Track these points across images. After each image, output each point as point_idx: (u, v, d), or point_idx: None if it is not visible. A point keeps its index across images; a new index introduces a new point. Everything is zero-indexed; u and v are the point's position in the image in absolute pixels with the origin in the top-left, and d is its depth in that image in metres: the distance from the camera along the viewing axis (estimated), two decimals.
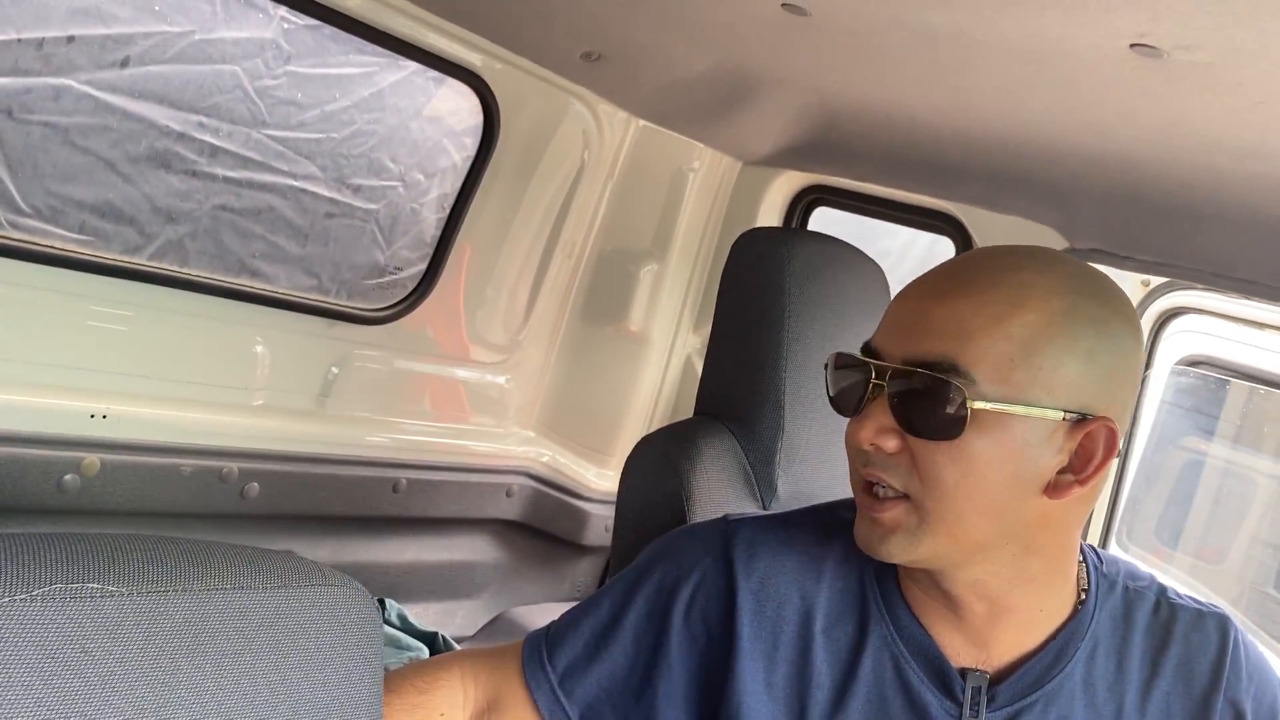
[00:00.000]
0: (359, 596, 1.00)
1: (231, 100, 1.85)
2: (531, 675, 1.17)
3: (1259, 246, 1.62)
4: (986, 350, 0.98)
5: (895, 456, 1.01)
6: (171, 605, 0.85)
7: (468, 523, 2.50)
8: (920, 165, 2.03)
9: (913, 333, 1.02)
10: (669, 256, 2.51)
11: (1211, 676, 1.10)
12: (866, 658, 1.10)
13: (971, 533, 1.01)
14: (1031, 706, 1.07)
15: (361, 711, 0.97)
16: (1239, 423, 3.28)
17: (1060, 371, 0.98)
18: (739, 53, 1.84)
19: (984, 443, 0.98)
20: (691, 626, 1.14)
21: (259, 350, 2.01)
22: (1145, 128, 1.46)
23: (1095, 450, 1.00)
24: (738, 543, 1.15)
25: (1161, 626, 1.12)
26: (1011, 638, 1.08)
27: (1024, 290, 1.00)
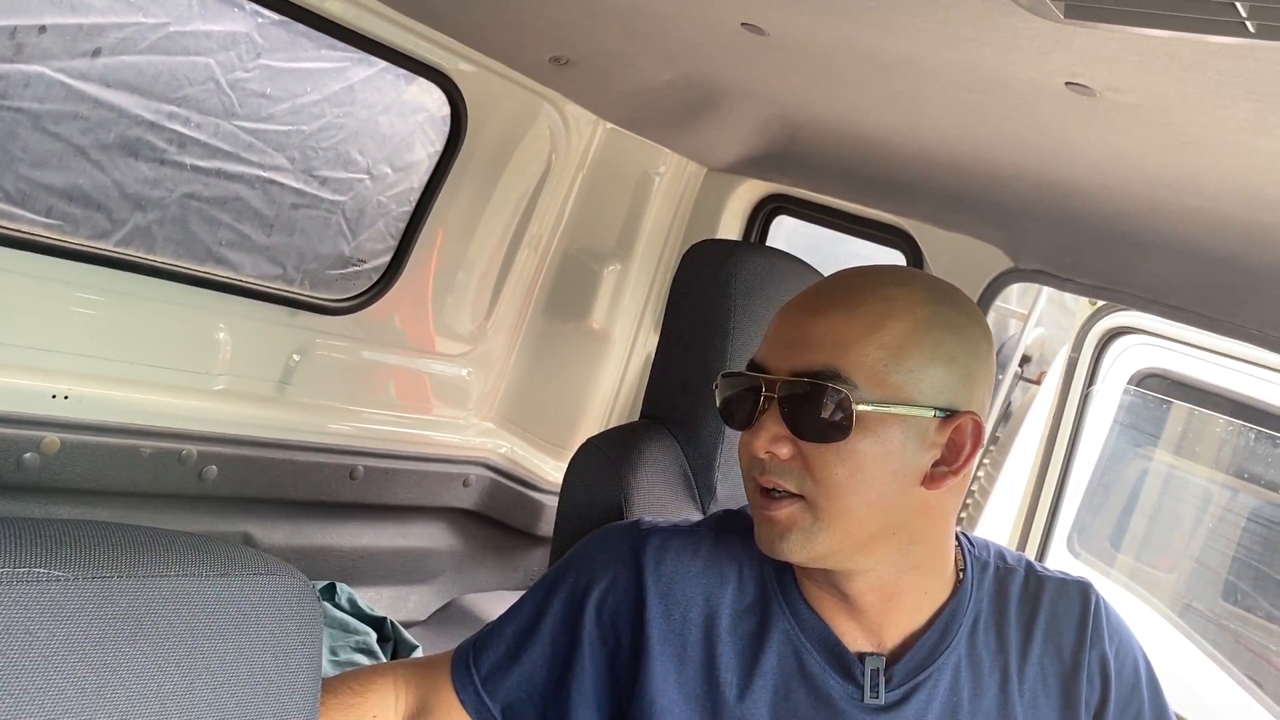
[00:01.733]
0: (302, 587, 1.01)
1: (203, 92, 1.87)
2: (459, 678, 1.23)
3: (1193, 276, 1.68)
4: (862, 358, 1.07)
5: (788, 462, 1.09)
6: (115, 590, 0.87)
7: (424, 510, 2.52)
8: (876, 181, 2.08)
9: (796, 347, 1.10)
10: (632, 257, 2.54)
11: (1077, 637, 1.20)
12: (770, 651, 1.16)
13: (862, 526, 1.09)
14: (925, 682, 1.15)
15: (299, 699, 1.00)
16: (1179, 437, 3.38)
17: (928, 373, 1.08)
18: (702, 66, 1.88)
19: (868, 442, 1.06)
20: (602, 629, 1.19)
21: (221, 336, 2.04)
22: (1086, 159, 1.51)
23: (964, 442, 1.10)
24: (647, 549, 1.21)
25: (1031, 597, 1.22)
26: (902, 621, 1.16)
27: (890, 303, 1.09)
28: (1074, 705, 1.18)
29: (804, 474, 1.08)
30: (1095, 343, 2.21)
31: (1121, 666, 1.21)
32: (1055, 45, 1.12)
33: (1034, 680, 1.18)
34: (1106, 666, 1.19)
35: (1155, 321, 2.09)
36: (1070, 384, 2.29)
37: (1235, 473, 3.41)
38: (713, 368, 1.54)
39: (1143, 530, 3.67)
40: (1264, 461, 3.30)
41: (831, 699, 1.14)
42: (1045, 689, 1.18)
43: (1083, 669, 1.18)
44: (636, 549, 1.21)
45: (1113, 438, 2.95)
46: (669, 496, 1.48)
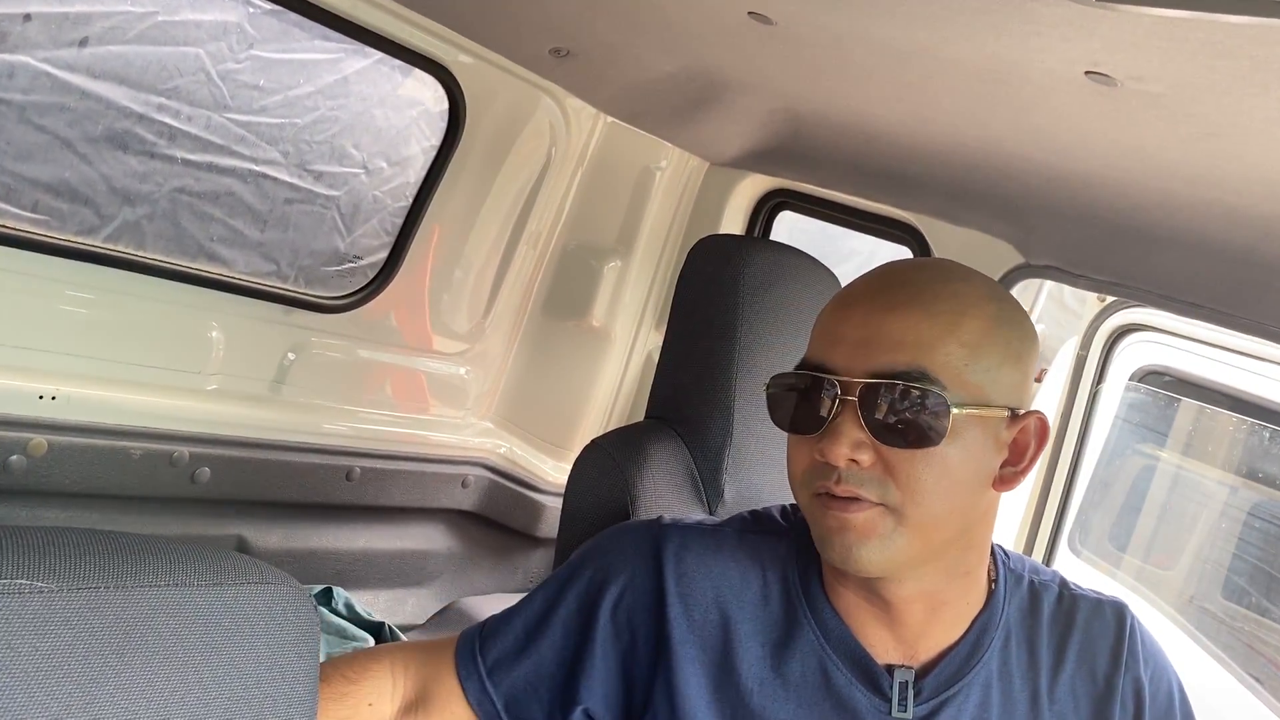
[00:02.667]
0: (297, 595, 0.99)
1: (193, 83, 1.83)
2: (463, 665, 1.19)
3: (1208, 271, 1.64)
4: (946, 358, 1.03)
5: (869, 469, 1.03)
6: (101, 602, 0.84)
7: (422, 512, 2.49)
8: (882, 175, 2.05)
9: (871, 346, 1.04)
10: (633, 254, 2.50)
11: (1112, 660, 1.16)
12: (794, 660, 1.13)
13: (940, 532, 1.05)
14: (954, 697, 1.11)
15: (296, 710, 0.97)
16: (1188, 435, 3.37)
17: (1001, 372, 1.05)
18: (706, 57, 1.84)
19: (955, 446, 1.02)
20: (617, 625, 1.16)
21: (214, 335, 2.00)
22: (1101, 151, 1.48)
23: (1029, 441, 1.08)
24: (667, 546, 1.18)
25: (1065, 615, 1.18)
26: (940, 632, 1.13)
27: (962, 300, 1.05)
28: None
29: (885, 481, 1.03)
30: (1104, 340, 2.17)
31: (1156, 691, 1.18)
32: (1078, 31, 1.08)
33: (1065, 700, 1.15)
34: (1141, 691, 1.16)
35: (1164, 318, 2.06)
36: (1079, 382, 2.25)
37: (1237, 469, 3.40)
38: (720, 367, 1.51)
39: (1143, 527, 3.65)
40: (1267, 457, 3.29)
41: (858, 712, 1.11)
42: (1076, 710, 1.15)
43: (1116, 692, 1.15)
44: (657, 545, 1.18)
45: (1113, 434, 2.94)
46: (676, 499, 1.45)
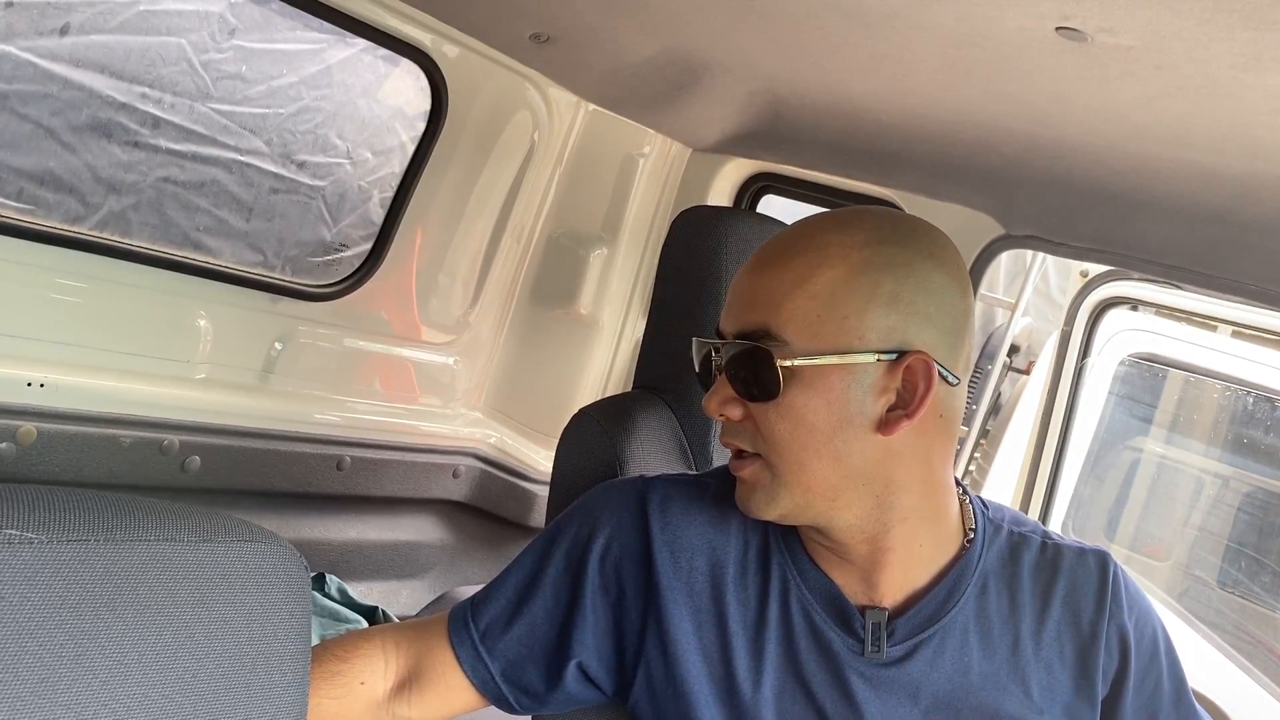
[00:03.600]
0: (286, 553, 0.99)
1: (176, 72, 1.84)
2: (456, 635, 1.20)
3: (1186, 233, 1.66)
4: (794, 312, 1.06)
5: (742, 423, 1.11)
6: (92, 554, 0.85)
7: (413, 502, 2.49)
8: (863, 153, 2.06)
9: (738, 308, 1.12)
10: (619, 241, 2.51)
11: (1095, 607, 1.18)
12: (774, 604, 1.15)
13: (818, 479, 1.08)
14: (929, 640, 1.13)
15: (288, 666, 0.97)
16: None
17: (866, 318, 1.06)
18: (686, 38, 1.86)
19: (805, 395, 1.06)
20: (605, 578, 1.18)
21: (202, 324, 2.00)
22: (1076, 113, 1.50)
23: (916, 383, 1.07)
24: (652, 498, 1.20)
25: (1048, 564, 1.20)
26: (899, 576, 1.14)
27: (823, 251, 1.08)
28: (1091, 675, 1.16)
29: (755, 434, 1.09)
30: (1088, 316, 2.19)
31: (1141, 638, 1.19)
32: None
33: (1050, 648, 1.16)
34: (1126, 638, 1.18)
35: (1146, 289, 2.08)
36: (1064, 359, 2.27)
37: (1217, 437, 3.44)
38: (704, 334, 1.52)
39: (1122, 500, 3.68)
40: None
41: (833, 651, 1.13)
42: (1061, 657, 1.16)
43: (1101, 639, 1.17)
44: (642, 498, 1.20)
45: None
46: (664, 466, 1.46)
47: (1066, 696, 1.16)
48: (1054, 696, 1.15)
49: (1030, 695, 1.14)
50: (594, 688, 1.20)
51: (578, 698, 1.21)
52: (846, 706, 1.12)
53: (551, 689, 1.19)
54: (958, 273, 1.11)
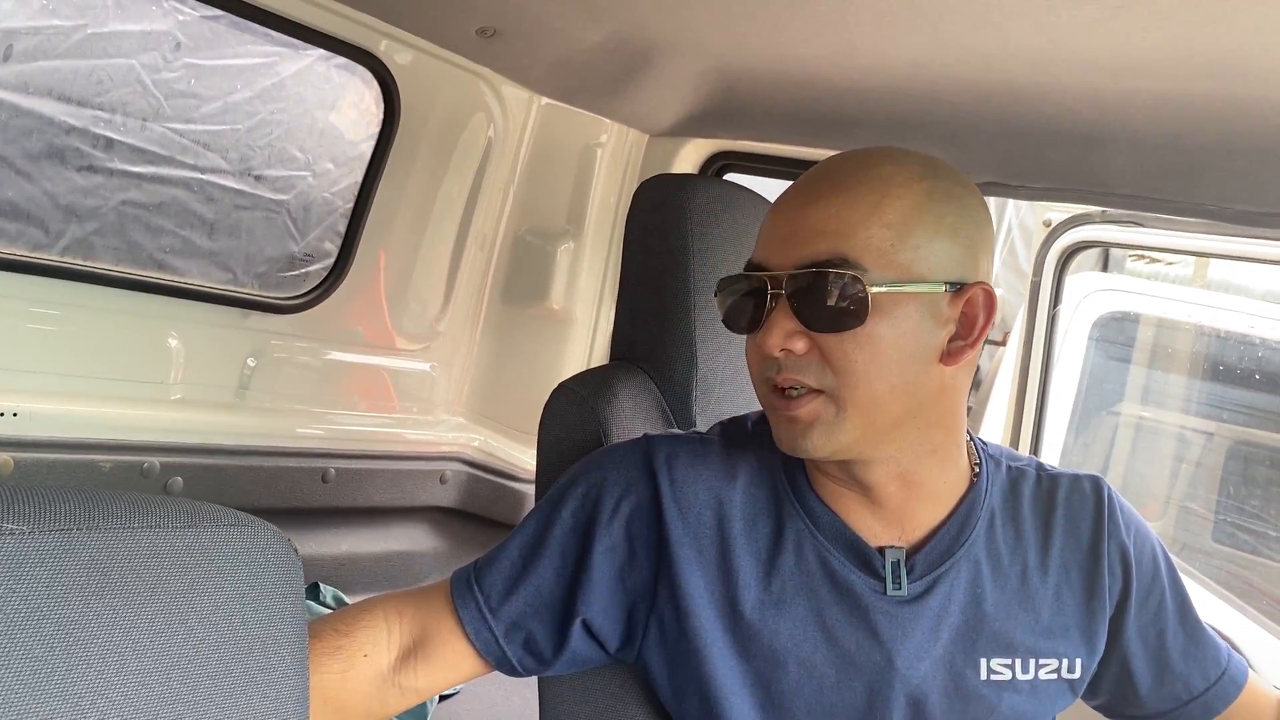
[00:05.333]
0: (275, 537, 0.99)
1: (130, 94, 1.83)
2: (460, 599, 1.19)
3: (1140, 162, 1.68)
4: (868, 240, 1.05)
5: (805, 357, 1.08)
6: (76, 543, 0.84)
7: (402, 511, 2.48)
8: (818, 120, 2.08)
9: (797, 239, 1.08)
10: (584, 233, 2.52)
11: (1094, 528, 1.21)
12: (788, 552, 1.15)
13: (885, 412, 1.08)
14: (946, 574, 1.15)
15: (285, 649, 0.97)
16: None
17: (934, 247, 1.06)
18: (632, 22, 1.87)
19: (885, 325, 1.05)
20: (613, 536, 1.17)
21: (173, 343, 1.99)
22: (1022, 53, 1.51)
23: (977, 314, 1.09)
24: (658, 455, 1.20)
25: (1046, 494, 1.23)
26: (923, 511, 1.16)
27: (887, 181, 1.07)
28: (1099, 595, 1.19)
29: (823, 366, 1.07)
30: (1055, 264, 2.21)
31: (1141, 555, 1.22)
32: None
33: (1057, 573, 1.19)
34: (1126, 556, 1.21)
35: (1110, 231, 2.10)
36: (1035, 309, 2.29)
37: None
38: (677, 300, 1.52)
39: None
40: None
41: (854, 593, 1.14)
42: (1068, 581, 1.19)
43: (1103, 559, 1.19)
44: (648, 456, 1.20)
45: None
46: (648, 431, 1.45)
47: (1077, 618, 1.19)
48: (1065, 619, 1.18)
49: (1041, 620, 1.17)
50: (598, 646, 1.20)
51: (582, 657, 1.20)
52: (873, 645, 1.13)
53: (557, 649, 1.18)
54: (989, 212, 1.15)
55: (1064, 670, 1.18)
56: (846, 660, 1.13)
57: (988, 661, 1.15)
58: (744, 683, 1.14)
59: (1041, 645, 1.17)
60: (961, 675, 1.14)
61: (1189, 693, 1.26)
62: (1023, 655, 1.16)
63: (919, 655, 1.13)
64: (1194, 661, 1.26)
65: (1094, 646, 1.20)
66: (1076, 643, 1.18)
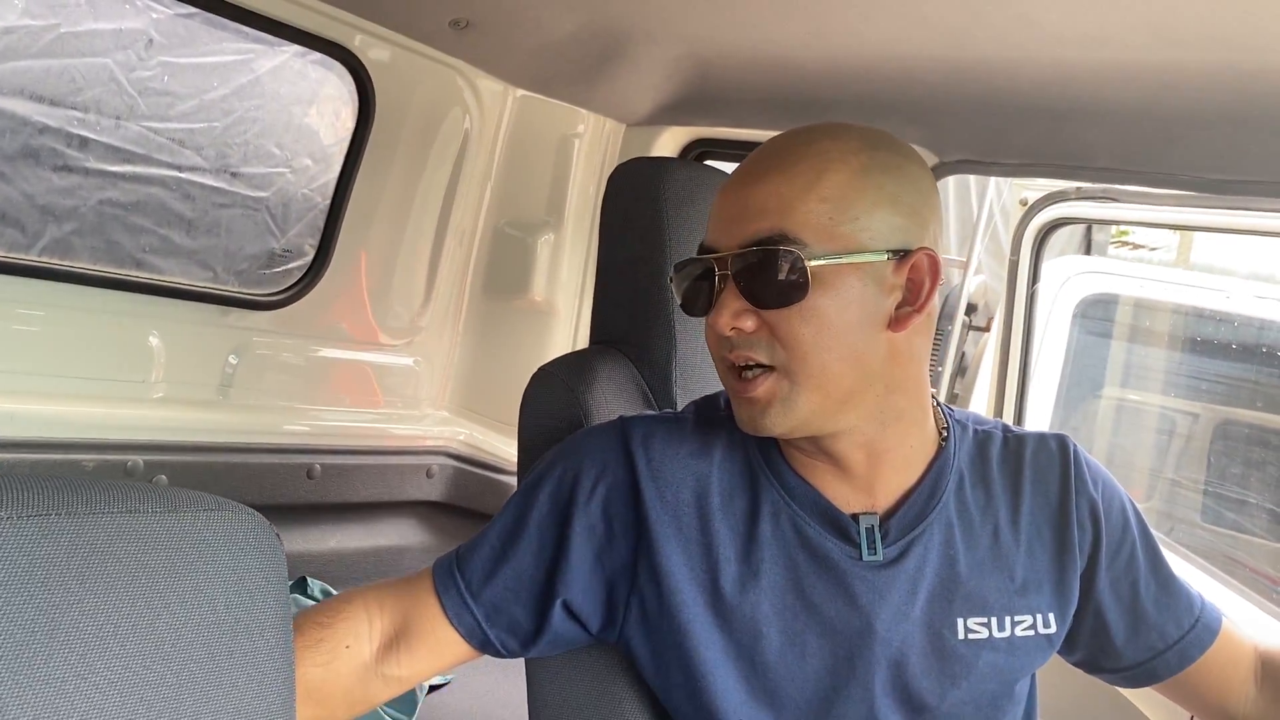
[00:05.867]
0: (256, 521, 0.99)
1: (106, 93, 1.83)
2: (441, 585, 1.20)
3: (1112, 134, 1.69)
4: (807, 215, 1.07)
5: (755, 334, 1.10)
6: (55, 529, 0.84)
7: (390, 506, 2.48)
8: (792, 104, 2.08)
9: (740, 220, 1.11)
10: (564, 224, 2.52)
11: (1062, 486, 1.23)
12: (764, 524, 1.17)
13: (838, 382, 1.10)
14: (920, 537, 1.17)
15: (270, 633, 0.97)
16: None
17: (875, 217, 1.09)
18: (604, 10, 1.87)
19: (828, 297, 1.07)
20: (591, 518, 1.18)
21: (154, 342, 1.99)
22: (992, 28, 1.52)
23: (922, 279, 1.11)
24: (634, 435, 1.21)
25: (1013, 455, 1.25)
26: (892, 477, 1.18)
27: (824, 156, 1.09)
28: (1070, 550, 1.21)
29: (772, 343, 1.09)
30: (1032, 242, 2.22)
31: (1109, 509, 1.24)
32: None
33: (1028, 530, 1.21)
34: (1095, 511, 1.23)
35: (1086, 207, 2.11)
36: (1014, 288, 2.30)
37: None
38: (655, 282, 1.53)
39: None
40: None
41: (831, 560, 1.15)
42: (1040, 539, 1.21)
43: (1072, 515, 1.22)
44: (624, 437, 1.21)
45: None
46: (630, 413, 1.46)
47: (1049, 574, 1.21)
48: (1038, 576, 1.20)
49: (1015, 578, 1.19)
50: (579, 626, 1.20)
51: (564, 638, 1.21)
52: (851, 610, 1.14)
53: (539, 630, 1.19)
54: (933, 179, 1.17)
55: (1039, 626, 1.19)
56: (826, 626, 1.15)
57: (964, 621, 1.17)
58: (726, 655, 1.15)
59: (1016, 603, 1.18)
60: (939, 635, 1.16)
61: (1164, 641, 1.27)
62: (998, 613, 1.18)
63: (897, 618, 1.15)
64: (1167, 611, 1.27)
65: (1067, 601, 1.22)
66: (1050, 598, 1.20)
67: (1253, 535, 3.25)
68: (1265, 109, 1.49)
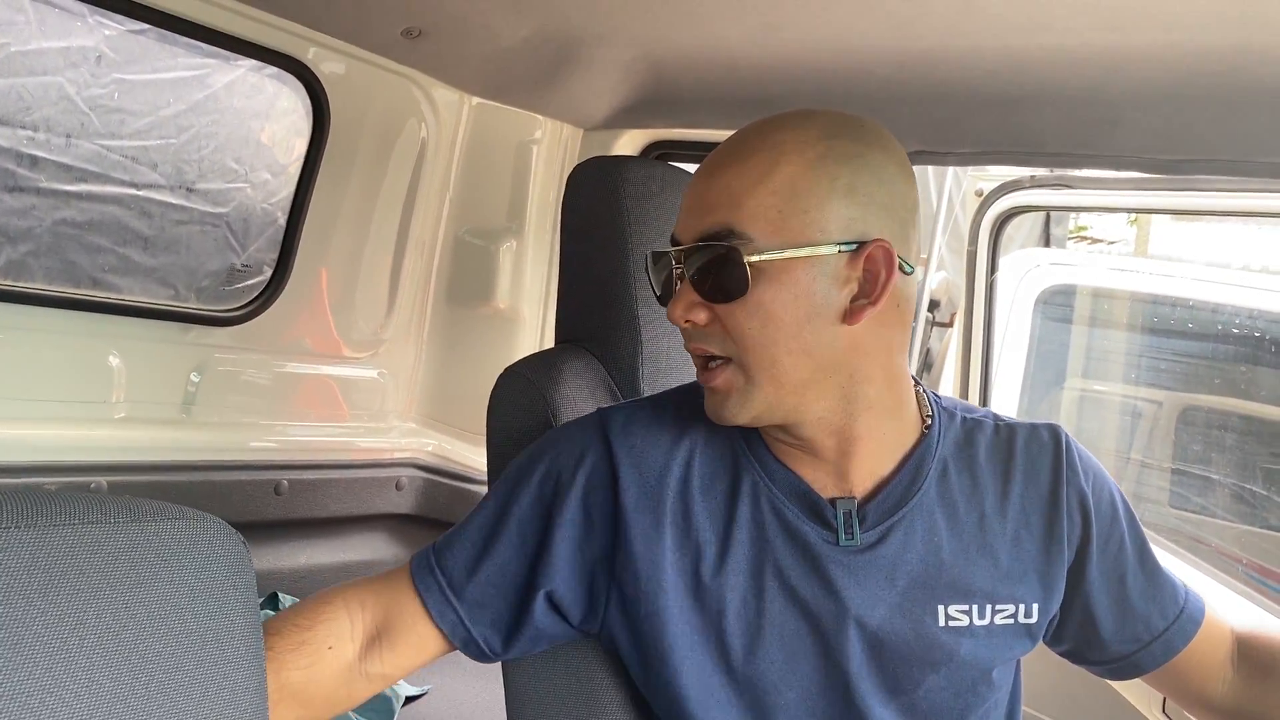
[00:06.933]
0: (221, 529, 0.98)
1: (59, 112, 1.82)
2: (421, 582, 1.20)
3: (1061, 119, 1.72)
4: (756, 209, 1.08)
5: (709, 327, 1.12)
6: (14, 542, 0.83)
7: (359, 520, 2.47)
8: (748, 102, 2.09)
9: (696, 213, 1.12)
10: (525, 231, 2.52)
11: (1054, 476, 1.23)
12: (744, 506, 1.18)
13: (790, 374, 1.11)
14: (899, 523, 1.17)
15: (239, 639, 0.96)
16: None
17: (826, 210, 1.08)
18: (557, 15, 1.88)
19: (773, 290, 1.08)
20: (573, 511, 1.19)
21: (114, 361, 1.97)
22: (938, 18, 1.54)
23: (878, 270, 1.10)
24: (613, 425, 1.22)
25: (1004, 443, 1.25)
26: (867, 465, 1.18)
27: (779, 149, 1.09)
28: (1058, 541, 1.22)
29: (724, 336, 1.11)
30: (989, 232, 2.25)
31: (1099, 500, 1.25)
32: None
33: (1016, 520, 1.21)
34: (1085, 502, 1.23)
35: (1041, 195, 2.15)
36: (974, 278, 2.33)
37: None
38: (618, 280, 1.54)
39: None
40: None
41: (808, 544, 1.16)
42: (1028, 527, 1.21)
43: (1062, 505, 1.22)
44: (603, 427, 1.22)
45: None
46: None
47: (1035, 564, 1.21)
48: (1023, 565, 1.21)
49: (1000, 566, 1.20)
50: (561, 619, 1.21)
51: (547, 633, 1.22)
52: (827, 595, 1.15)
53: (522, 625, 1.19)
54: (905, 164, 1.15)
55: (1020, 615, 1.20)
56: (804, 610, 1.15)
57: (945, 608, 1.17)
58: (705, 639, 1.16)
59: (999, 590, 1.19)
60: (920, 622, 1.16)
61: (1150, 633, 1.28)
62: (980, 601, 1.18)
63: (873, 602, 1.15)
64: (1154, 602, 1.28)
65: (1052, 592, 1.22)
66: (1034, 588, 1.21)
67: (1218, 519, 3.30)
68: (1206, 88, 1.52)
